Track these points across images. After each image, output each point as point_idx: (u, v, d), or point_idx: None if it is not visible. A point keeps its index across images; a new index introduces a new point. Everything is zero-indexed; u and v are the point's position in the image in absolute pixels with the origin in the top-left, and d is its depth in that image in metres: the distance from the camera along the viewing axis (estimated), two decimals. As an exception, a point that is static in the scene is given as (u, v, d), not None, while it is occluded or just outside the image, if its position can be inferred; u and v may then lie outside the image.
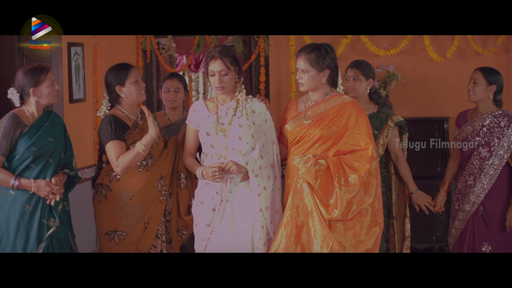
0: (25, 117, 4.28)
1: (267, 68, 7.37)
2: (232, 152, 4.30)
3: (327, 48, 4.33)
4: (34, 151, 4.23)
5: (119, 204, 4.42)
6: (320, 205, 4.18)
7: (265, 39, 7.28)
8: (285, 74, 7.34)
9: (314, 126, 4.32)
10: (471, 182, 5.07)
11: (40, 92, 4.27)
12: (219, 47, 4.33)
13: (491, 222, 5.05)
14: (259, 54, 7.32)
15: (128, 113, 4.45)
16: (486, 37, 7.09)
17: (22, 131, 4.24)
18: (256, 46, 7.31)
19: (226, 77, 4.27)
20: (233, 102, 4.36)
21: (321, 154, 4.28)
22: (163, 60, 7.67)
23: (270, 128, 4.41)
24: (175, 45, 8.21)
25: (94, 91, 7.06)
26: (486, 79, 5.06)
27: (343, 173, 4.19)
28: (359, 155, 4.25)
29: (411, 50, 7.22)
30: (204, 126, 4.36)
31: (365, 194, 4.21)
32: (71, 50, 6.56)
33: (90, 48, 7.01)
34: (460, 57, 7.11)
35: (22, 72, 4.30)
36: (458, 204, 5.15)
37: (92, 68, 7.05)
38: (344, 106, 4.32)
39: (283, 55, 7.37)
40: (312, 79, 4.31)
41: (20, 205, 4.24)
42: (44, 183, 4.24)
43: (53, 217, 4.31)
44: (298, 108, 4.46)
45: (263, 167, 4.31)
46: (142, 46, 7.46)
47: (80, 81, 6.74)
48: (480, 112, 5.10)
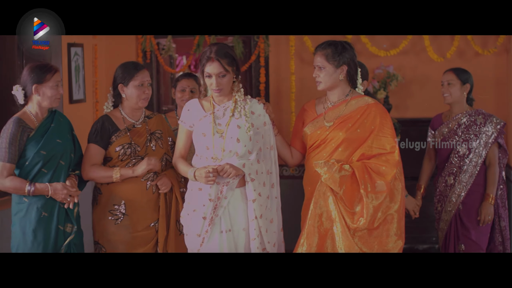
0: (29, 120, 4.13)
1: (267, 68, 7.36)
2: (228, 155, 4.08)
3: (344, 44, 4.19)
4: (44, 155, 4.09)
5: (104, 210, 4.28)
6: (344, 214, 3.99)
7: (265, 40, 7.27)
8: (285, 75, 7.34)
9: (338, 129, 4.13)
10: (451, 182, 5.13)
11: (43, 92, 4.11)
12: (215, 47, 4.11)
13: (469, 220, 5.11)
14: (259, 55, 7.31)
15: (127, 115, 4.32)
16: (486, 38, 7.09)
17: (29, 135, 4.08)
18: (256, 46, 7.31)
19: (224, 79, 4.08)
20: (231, 102, 4.17)
21: (344, 159, 4.09)
22: (163, 61, 7.67)
23: (268, 131, 4.21)
24: (175, 45, 8.21)
25: (94, 92, 7.05)
26: (460, 79, 5.14)
27: (369, 179, 4.00)
28: (385, 159, 4.07)
29: (411, 51, 7.22)
30: (199, 127, 4.16)
31: (391, 200, 4.02)
32: (71, 50, 6.56)
33: (90, 49, 7.00)
34: (460, 57, 7.11)
35: (29, 68, 4.16)
36: (440, 205, 5.20)
37: (92, 69, 7.04)
38: (368, 107, 4.14)
39: (283, 55, 7.37)
40: (329, 76, 4.14)
41: (35, 212, 4.08)
42: (61, 186, 4.08)
43: (70, 223, 4.20)
44: (317, 110, 4.27)
45: (259, 172, 4.09)
46: (142, 47, 7.46)
47: (80, 81, 6.74)
48: (455, 113, 5.19)
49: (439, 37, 7.14)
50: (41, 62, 4.21)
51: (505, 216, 5.23)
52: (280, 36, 7.32)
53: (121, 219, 4.25)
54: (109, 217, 4.27)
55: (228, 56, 4.08)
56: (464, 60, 7.07)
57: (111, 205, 4.28)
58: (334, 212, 3.99)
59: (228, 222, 4.08)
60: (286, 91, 7.32)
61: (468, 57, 7.14)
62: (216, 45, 4.16)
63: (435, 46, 7.13)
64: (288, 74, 7.30)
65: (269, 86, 7.33)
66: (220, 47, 4.12)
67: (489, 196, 5.11)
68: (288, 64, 7.31)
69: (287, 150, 4.38)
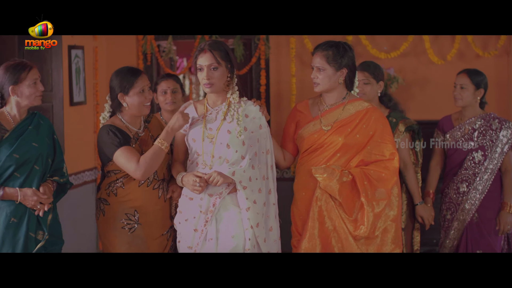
0: (5, 121, 3.91)
1: (267, 71, 7.35)
2: (218, 161, 3.88)
3: (345, 46, 4.05)
4: (17, 158, 3.85)
5: (115, 221, 4.04)
6: (346, 221, 3.90)
7: (265, 42, 7.27)
8: (285, 77, 7.33)
9: (336, 133, 3.99)
10: (464, 189, 4.90)
11: (20, 92, 3.88)
12: (210, 41, 3.95)
13: (486, 229, 4.93)
14: (260, 57, 7.30)
15: (129, 123, 4.06)
16: (487, 40, 7.08)
17: (2, 137, 3.86)
18: (256, 49, 7.30)
19: (215, 73, 3.86)
20: (224, 105, 3.96)
21: (342, 165, 3.98)
22: (164, 63, 7.66)
23: (264, 135, 3.98)
24: (175, 47, 8.20)
25: (94, 94, 7.05)
26: (473, 83, 4.93)
27: (369, 186, 3.90)
28: (384, 166, 3.97)
29: (412, 53, 7.21)
30: (191, 131, 3.98)
31: (390, 208, 3.95)
32: (72, 53, 6.55)
33: (91, 51, 7.00)
34: (461, 59, 7.10)
35: (3, 68, 3.91)
36: (450, 213, 4.97)
37: (93, 71, 7.04)
38: (367, 112, 4.01)
39: (283, 58, 7.36)
40: (328, 78, 4.00)
41: (4, 217, 3.85)
42: (31, 192, 3.86)
43: (42, 230, 3.96)
44: (312, 112, 4.14)
45: (253, 179, 3.86)
46: (142, 49, 7.45)
47: (80, 84, 6.73)
48: (467, 116, 4.96)
49: (439, 39, 7.14)
50: (15, 61, 3.95)
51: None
52: (280, 39, 7.32)
53: (135, 228, 4.03)
54: (121, 227, 4.03)
55: (221, 50, 3.89)
56: (465, 62, 7.06)
57: (122, 214, 4.02)
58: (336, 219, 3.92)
59: (214, 229, 3.87)
60: (287, 93, 7.31)
61: (469, 59, 7.13)
62: (212, 40, 4.01)
63: (436, 48, 7.12)
64: (289, 77, 7.29)
65: (269, 88, 7.33)
66: (216, 41, 3.97)
67: (506, 205, 4.90)
68: (289, 66, 7.30)
69: (279, 152, 4.22)
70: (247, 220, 3.84)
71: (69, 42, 6.51)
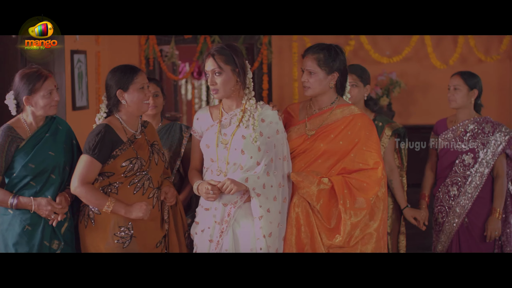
0: (21, 129, 3.74)
1: (270, 75, 7.37)
2: (233, 168, 3.73)
3: (337, 49, 3.84)
4: (32, 168, 3.71)
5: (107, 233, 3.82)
6: (321, 229, 3.72)
7: (268, 47, 7.28)
8: (287, 81, 7.35)
9: (319, 139, 3.80)
10: (454, 193, 4.81)
11: (35, 102, 3.74)
12: (220, 45, 3.78)
13: (476, 234, 4.89)
14: (262, 62, 7.32)
15: (126, 124, 3.90)
16: (489, 45, 7.10)
17: (18, 146, 3.71)
18: (259, 53, 7.31)
19: (218, 78, 3.68)
20: (239, 110, 3.79)
21: (324, 171, 3.78)
22: (166, 68, 7.67)
23: (281, 141, 3.79)
24: (178, 52, 8.22)
25: (97, 99, 7.06)
26: (467, 85, 4.89)
27: (349, 195, 3.72)
28: (367, 175, 3.77)
29: (414, 58, 7.23)
30: (205, 137, 3.80)
31: (371, 219, 3.77)
32: (74, 57, 6.57)
33: (93, 56, 7.01)
34: (463, 64, 7.11)
35: (19, 76, 3.75)
36: (442, 217, 4.91)
37: (95, 76, 7.05)
38: (353, 118, 3.83)
39: (285, 62, 7.38)
40: (319, 82, 3.81)
41: (18, 224, 3.70)
42: (45, 201, 3.70)
43: (57, 239, 3.79)
44: (300, 115, 3.96)
45: (267, 186, 3.70)
46: (145, 54, 7.47)
47: (83, 88, 6.74)
48: (461, 119, 4.92)
49: (442, 44, 7.15)
50: (31, 69, 3.80)
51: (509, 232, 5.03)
52: (283, 43, 7.33)
53: (128, 242, 3.84)
54: (115, 240, 3.80)
55: (225, 54, 3.72)
56: (467, 67, 7.07)
57: (115, 227, 3.81)
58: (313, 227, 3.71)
59: (231, 242, 3.73)
60: (289, 97, 7.32)
61: (471, 63, 7.14)
62: (221, 44, 3.82)
63: (438, 53, 7.14)
64: (291, 81, 7.31)
65: (271, 92, 7.34)
66: (222, 45, 3.78)
67: (496, 211, 4.85)
68: (291, 71, 7.32)
69: None
70: (260, 229, 3.67)
71: (71, 47, 6.53)
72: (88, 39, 6.91)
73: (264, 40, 7.26)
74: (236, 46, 3.82)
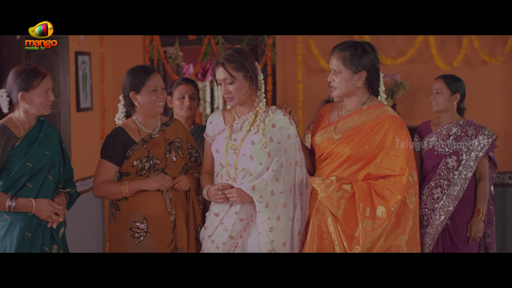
0: (15, 128, 3.69)
1: (274, 77, 7.36)
2: (242, 173, 3.69)
3: (365, 46, 3.68)
4: (30, 167, 3.65)
5: (125, 228, 3.89)
6: (343, 237, 3.56)
7: (272, 48, 7.28)
8: (292, 83, 7.33)
9: (343, 143, 3.65)
10: (438, 195, 4.80)
11: (30, 99, 3.67)
12: (227, 51, 3.75)
13: (457, 236, 4.87)
14: (266, 63, 7.31)
15: (142, 125, 3.94)
16: (494, 46, 7.07)
17: (14, 145, 3.65)
18: (263, 55, 7.31)
19: (231, 86, 3.67)
20: (251, 115, 3.74)
21: (348, 177, 3.63)
22: (170, 69, 7.67)
23: (293, 146, 3.72)
24: (182, 54, 8.22)
25: (101, 100, 7.06)
26: (449, 88, 4.91)
27: (370, 203, 3.52)
28: (392, 181, 3.57)
29: (418, 59, 7.21)
30: (216, 141, 3.80)
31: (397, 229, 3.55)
32: (78, 59, 6.57)
33: (98, 57, 7.02)
34: (467, 65, 7.10)
35: (15, 72, 3.71)
36: (426, 219, 4.90)
37: (99, 77, 7.06)
38: (381, 120, 3.64)
39: (290, 64, 7.37)
40: (345, 82, 3.64)
41: (18, 232, 3.63)
42: (46, 202, 3.67)
43: (56, 244, 3.79)
44: (330, 117, 3.81)
45: (276, 192, 3.63)
46: (149, 55, 7.47)
47: (87, 90, 6.75)
48: (444, 122, 4.93)
49: (446, 45, 7.14)
50: (28, 66, 3.75)
51: (491, 232, 5.02)
52: (287, 45, 7.32)
53: (143, 237, 3.88)
54: (129, 235, 3.88)
55: (235, 61, 3.69)
56: (471, 68, 7.06)
57: (131, 222, 3.89)
58: (333, 234, 3.58)
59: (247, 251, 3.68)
60: (293, 99, 7.31)
61: (475, 65, 7.12)
62: (229, 49, 3.79)
63: (442, 54, 7.12)
64: (295, 82, 7.29)
65: (276, 94, 7.33)
66: (231, 51, 3.75)
67: (479, 212, 4.84)
68: (295, 72, 7.30)
69: (307, 159, 3.90)
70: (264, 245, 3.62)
71: (76, 48, 6.53)
72: (93, 41, 6.91)
73: (268, 42, 7.26)
74: (244, 50, 3.84)
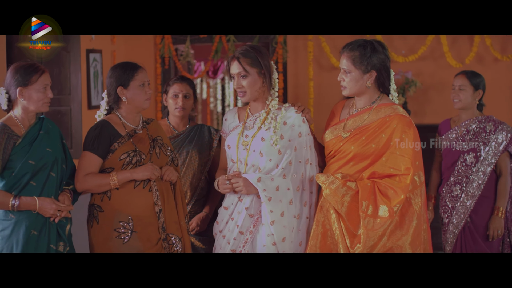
0: (15, 127, 3.65)
1: (285, 74, 7.36)
2: (252, 170, 3.72)
3: (375, 45, 3.66)
4: (32, 165, 3.62)
5: (110, 228, 3.78)
6: (346, 234, 3.55)
7: (283, 46, 7.28)
8: (303, 80, 7.33)
9: (350, 141, 3.66)
10: (457, 193, 4.76)
11: (28, 95, 3.63)
12: (244, 47, 3.78)
13: (478, 234, 4.84)
14: (277, 61, 7.31)
15: (126, 120, 3.89)
16: (506, 43, 7.05)
17: (15, 143, 3.61)
18: (274, 52, 7.31)
19: (244, 81, 3.70)
20: (263, 112, 3.77)
21: (354, 175, 3.63)
22: (181, 67, 7.68)
23: (304, 143, 3.73)
24: (193, 51, 8.24)
25: (112, 98, 7.08)
26: (472, 84, 4.86)
27: (373, 201, 3.52)
28: (397, 180, 3.56)
29: (430, 57, 7.19)
30: (228, 138, 3.84)
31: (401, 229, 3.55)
32: (90, 56, 6.59)
33: (109, 55, 7.04)
34: (479, 63, 7.07)
35: (13, 69, 3.68)
36: (447, 217, 4.87)
37: (111, 75, 7.07)
38: (389, 119, 3.62)
39: (301, 61, 7.36)
40: (355, 82, 3.64)
41: (24, 230, 3.60)
42: (49, 200, 3.64)
43: (63, 241, 3.74)
44: (341, 115, 3.81)
45: (283, 188, 3.64)
46: (160, 53, 7.48)
47: (98, 87, 6.78)
48: (464, 119, 4.88)
49: (457, 43, 7.11)
50: (26, 62, 3.71)
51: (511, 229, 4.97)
52: (298, 42, 7.32)
53: (128, 237, 3.80)
54: (115, 236, 3.79)
55: (251, 56, 3.72)
56: (483, 66, 7.04)
57: (116, 222, 3.79)
58: (337, 232, 3.57)
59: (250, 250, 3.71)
60: (304, 97, 7.31)
61: (487, 62, 7.10)
62: (246, 45, 3.80)
63: (454, 51, 7.10)
64: (307, 80, 7.29)
65: (287, 92, 7.33)
66: (248, 47, 3.77)
67: (498, 210, 4.79)
68: (306, 70, 7.30)
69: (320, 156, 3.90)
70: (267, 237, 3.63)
71: (87, 46, 6.55)
72: (104, 39, 6.94)
73: (279, 39, 7.26)
74: (261, 47, 3.85)
